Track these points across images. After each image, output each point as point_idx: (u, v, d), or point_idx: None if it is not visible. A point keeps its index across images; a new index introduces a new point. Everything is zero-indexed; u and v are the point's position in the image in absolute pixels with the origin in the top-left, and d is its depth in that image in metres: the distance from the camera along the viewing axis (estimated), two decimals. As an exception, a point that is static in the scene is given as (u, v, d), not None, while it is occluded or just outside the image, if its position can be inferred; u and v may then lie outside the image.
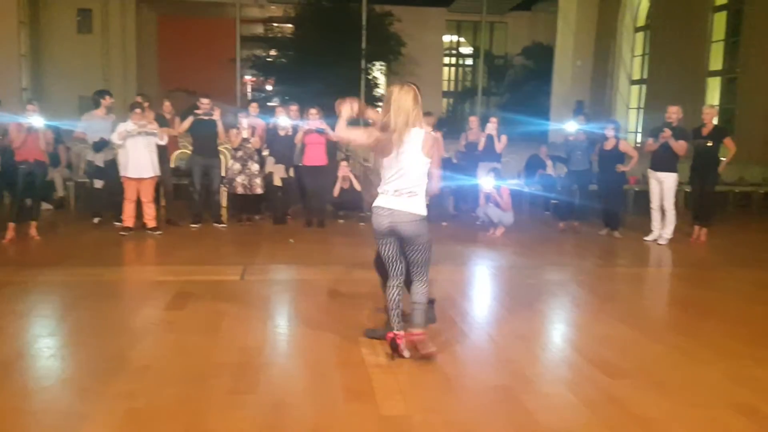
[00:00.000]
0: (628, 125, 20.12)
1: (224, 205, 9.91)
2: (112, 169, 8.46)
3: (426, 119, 9.98)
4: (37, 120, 7.58)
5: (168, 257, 7.30)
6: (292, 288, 6.21)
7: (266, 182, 9.21)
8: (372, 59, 21.93)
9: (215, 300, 5.48)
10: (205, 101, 8.84)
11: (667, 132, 8.26)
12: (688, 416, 3.52)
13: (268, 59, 23.95)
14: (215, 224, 8.90)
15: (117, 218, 8.45)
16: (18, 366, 4.05)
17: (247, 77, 25.35)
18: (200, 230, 8.68)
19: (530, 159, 11.78)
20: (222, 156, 9.57)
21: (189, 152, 9.66)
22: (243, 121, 8.96)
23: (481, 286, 6.64)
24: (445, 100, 29.50)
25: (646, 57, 19.86)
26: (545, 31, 25.28)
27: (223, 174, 9.28)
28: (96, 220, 8.84)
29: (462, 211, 10.44)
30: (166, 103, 9.95)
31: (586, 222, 9.51)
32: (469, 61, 30.82)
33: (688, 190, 9.69)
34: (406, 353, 4.22)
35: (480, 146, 9.70)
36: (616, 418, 3.48)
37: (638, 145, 14.86)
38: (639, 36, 20.57)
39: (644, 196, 9.58)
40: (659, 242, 8.52)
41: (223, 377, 3.87)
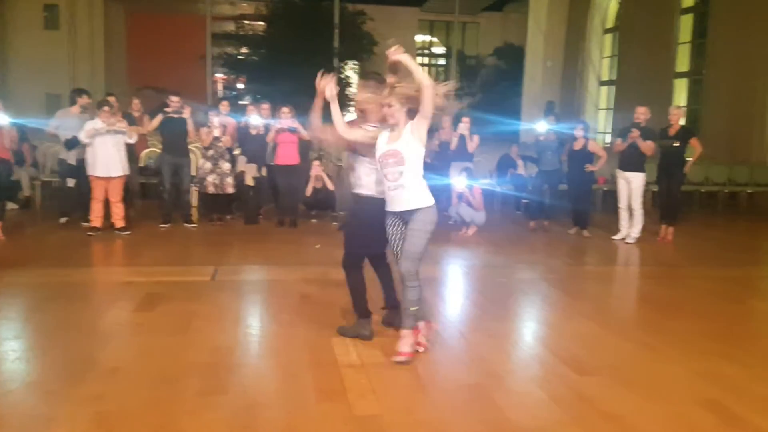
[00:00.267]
0: (597, 126, 20.38)
1: (195, 205, 9.82)
2: (85, 168, 8.33)
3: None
4: (2, 118, 7.44)
5: (137, 258, 7.21)
6: (264, 288, 6.18)
7: (238, 182, 9.14)
8: (345, 58, 21.90)
9: (186, 301, 5.42)
10: (175, 99, 8.75)
11: (635, 132, 8.38)
12: (656, 413, 3.58)
13: (240, 57, 23.78)
14: (185, 224, 8.82)
15: (85, 218, 8.32)
16: (-17, 369, 3.97)
17: (218, 75, 25.13)
18: (170, 230, 8.59)
19: (502, 159, 11.86)
20: (192, 155, 9.48)
21: (158, 151, 9.56)
22: (214, 120, 8.89)
23: (454, 285, 6.67)
24: (417, 99, 29.47)
25: (615, 58, 20.13)
26: (516, 32, 25.47)
27: (194, 173, 9.19)
28: (63, 220, 8.69)
29: (434, 211, 10.44)
30: (135, 101, 9.84)
31: (556, 221, 9.61)
32: (442, 61, 30.93)
33: (656, 190, 9.83)
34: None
35: (452, 146, 9.74)
36: (586, 415, 3.53)
37: (607, 146, 15.04)
38: (608, 37, 20.85)
39: (612, 196, 9.71)
40: (627, 241, 8.64)
41: (194, 378, 3.83)
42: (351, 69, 23.87)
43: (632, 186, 8.57)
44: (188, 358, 4.15)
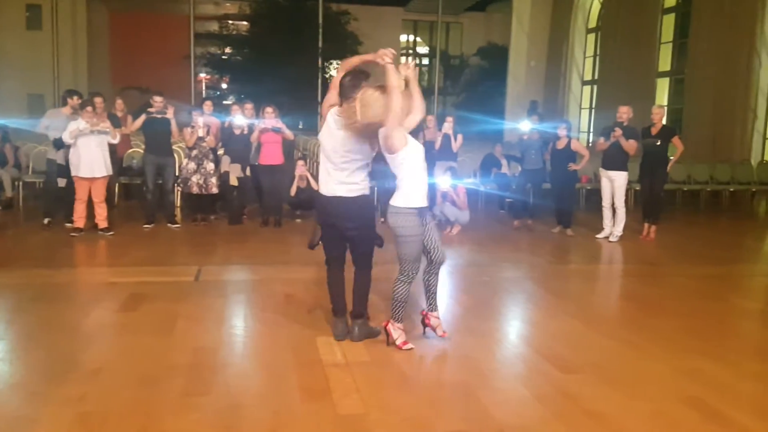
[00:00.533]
0: (581, 125, 20.51)
1: (178, 205, 9.78)
2: None
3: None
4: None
5: (121, 258, 7.17)
6: (248, 288, 6.17)
7: (222, 182, 9.11)
8: (329, 58, 21.86)
9: (169, 301, 5.40)
10: (159, 99, 8.69)
11: (618, 131, 8.43)
12: (639, 410, 3.61)
13: (223, 57, 23.71)
14: (169, 224, 8.77)
15: (68, 219, 8.26)
16: (-37, 371, 3.94)
17: (202, 75, 25.05)
18: (154, 231, 8.54)
19: (486, 158, 11.89)
20: (176, 155, 9.43)
21: (141, 151, 9.50)
22: (198, 120, 8.84)
23: (438, 284, 6.66)
24: (402, 99, 29.55)
25: (598, 58, 20.27)
26: (500, 32, 25.60)
27: (177, 173, 9.15)
28: (46, 221, 8.60)
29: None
30: (118, 101, 9.77)
31: (540, 220, 9.66)
32: (426, 61, 30.98)
33: (638, 189, 9.90)
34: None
35: (436, 145, 9.76)
36: (569, 413, 3.55)
37: (590, 145, 15.15)
38: (591, 37, 20.98)
39: (596, 195, 9.77)
40: (610, 239, 8.70)
41: (177, 379, 3.82)
42: (335, 69, 23.85)
43: (615, 185, 8.63)
44: (172, 359, 4.13)
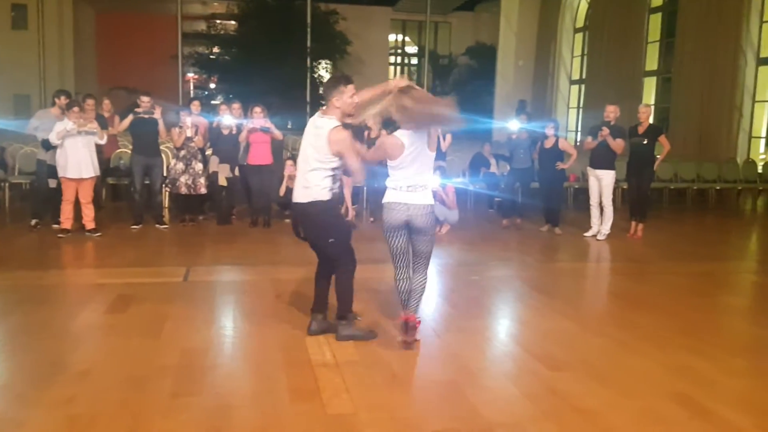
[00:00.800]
0: (568, 124, 20.59)
1: (166, 206, 9.74)
2: None
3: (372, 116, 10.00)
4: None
5: (108, 259, 7.13)
6: (237, 289, 6.15)
7: (210, 182, 9.08)
8: (317, 58, 21.86)
9: (158, 302, 5.38)
10: (146, 99, 8.66)
11: (606, 130, 8.47)
12: (627, 407, 3.63)
13: (211, 56, 23.63)
14: (157, 225, 8.73)
15: (55, 220, 8.20)
16: (-50, 374, 3.91)
17: (190, 75, 24.95)
18: (141, 231, 8.50)
19: (474, 157, 11.91)
20: (164, 155, 9.39)
21: (129, 152, 9.45)
22: (186, 120, 8.81)
23: (427, 283, 6.67)
24: (391, 99, 29.56)
25: (585, 57, 20.35)
26: (488, 32, 25.66)
27: (165, 174, 9.11)
28: (33, 223, 8.54)
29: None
30: (105, 102, 9.71)
31: (529, 219, 9.69)
32: (415, 61, 31.01)
33: (626, 187, 9.95)
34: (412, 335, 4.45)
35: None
36: (558, 410, 3.57)
37: (578, 144, 15.21)
38: (578, 37, 21.07)
39: (583, 193, 9.81)
40: (598, 238, 8.74)
41: (166, 380, 3.81)
42: (324, 68, 23.85)
43: (603, 183, 8.67)
44: (160, 360, 4.12)
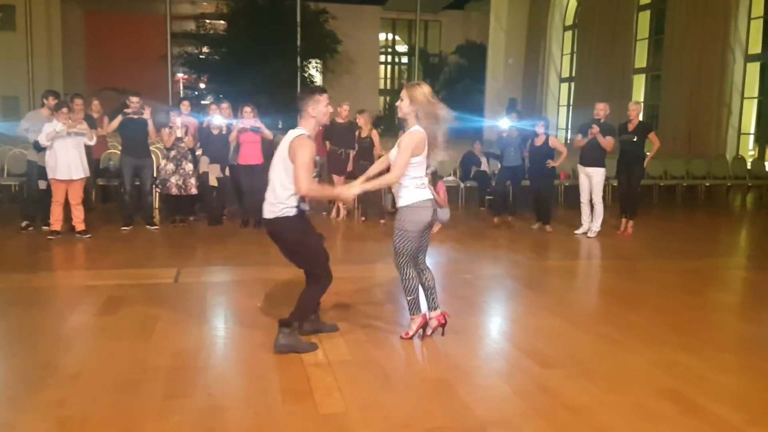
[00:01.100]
0: (558, 122, 20.65)
1: (157, 207, 9.70)
2: None
3: (362, 116, 10.00)
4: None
5: (99, 261, 7.10)
6: (228, 289, 6.14)
7: (201, 182, 9.05)
8: (307, 57, 21.83)
9: (148, 304, 5.36)
10: (135, 100, 8.62)
11: (595, 128, 8.50)
12: (618, 403, 3.65)
13: (201, 56, 23.57)
14: (147, 226, 8.70)
15: (45, 222, 8.16)
16: (-61, 378, 3.89)
17: (180, 75, 24.87)
18: (132, 233, 8.46)
19: (465, 156, 11.93)
20: (153, 156, 9.35)
21: (118, 152, 9.41)
22: (176, 120, 8.78)
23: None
24: (382, 98, 29.61)
25: (575, 55, 20.41)
26: (478, 30, 25.71)
27: (155, 174, 9.08)
28: (24, 224, 8.49)
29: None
30: (94, 102, 9.67)
31: (519, 217, 9.72)
32: (405, 59, 31.02)
33: (616, 184, 9.99)
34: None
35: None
36: (549, 407, 3.59)
37: (568, 142, 15.26)
38: (568, 35, 21.13)
39: (574, 191, 9.84)
40: (589, 235, 8.77)
41: (158, 382, 3.80)
42: (314, 68, 23.83)
43: (593, 181, 8.70)
44: (152, 362, 4.10)
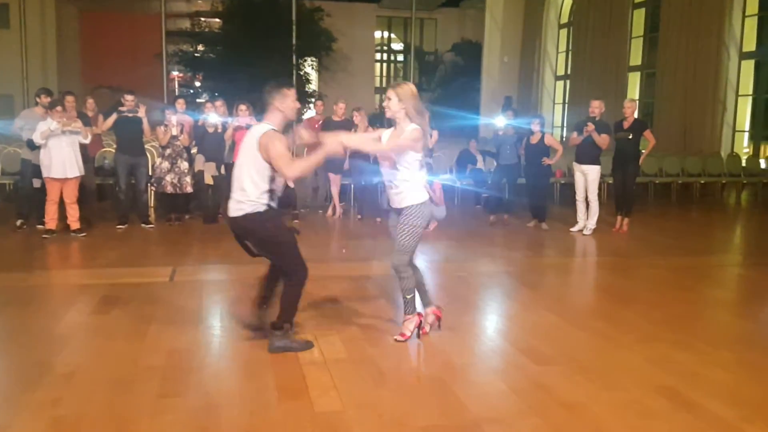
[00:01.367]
0: (554, 120, 20.67)
1: (152, 205, 9.68)
2: None
3: (359, 113, 9.98)
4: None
5: (93, 260, 7.08)
6: (224, 288, 6.13)
7: (196, 180, 9.03)
8: (303, 55, 21.79)
9: (143, 303, 5.35)
10: (130, 98, 8.59)
11: (591, 126, 8.51)
12: (613, 400, 3.66)
13: (196, 54, 23.51)
14: (143, 225, 8.68)
15: (40, 221, 8.14)
16: (-67, 377, 3.88)
17: (175, 73, 24.82)
18: (127, 231, 8.44)
19: (461, 154, 11.94)
20: (149, 154, 9.33)
21: (113, 151, 9.39)
22: (172, 119, 8.76)
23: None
24: (378, 96, 29.60)
25: (570, 53, 20.41)
26: (473, 28, 25.71)
27: (150, 173, 9.06)
28: (19, 223, 8.47)
29: (395, 207, 10.51)
30: (89, 101, 9.64)
31: (515, 215, 9.72)
32: (401, 57, 31.01)
33: (611, 182, 10.00)
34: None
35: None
36: (544, 404, 3.59)
37: (563, 140, 15.27)
38: (563, 32, 21.13)
39: (569, 189, 9.85)
40: (584, 233, 8.78)
41: (152, 381, 3.79)
42: (309, 66, 23.80)
43: (588, 178, 8.71)
44: (146, 361, 4.09)
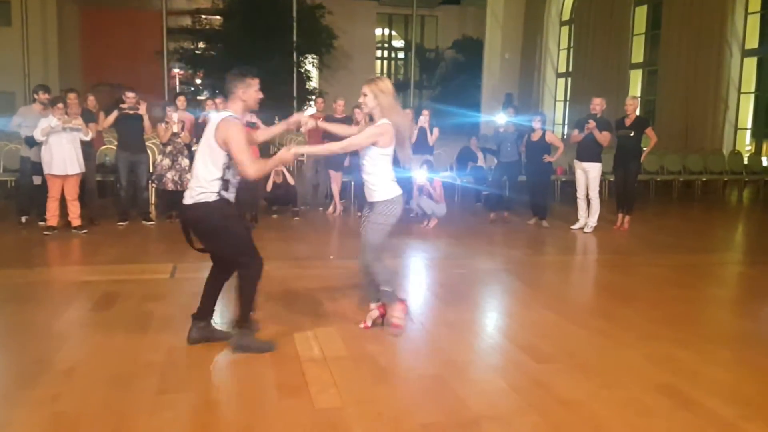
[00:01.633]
0: (555, 117, 20.64)
1: (153, 202, 9.68)
2: None
3: (360, 111, 10.00)
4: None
5: (94, 256, 7.09)
6: (224, 285, 6.11)
7: (196, 178, 9.02)
8: (304, 52, 21.79)
9: (144, 299, 5.35)
10: (131, 95, 8.60)
11: (592, 123, 8.50)
12: (612, 398, 3.66)
13: (197, 52, 23.51)
14: (143, 222, 8.69)
15: (41, 217, 8.15)
16: (-67, 374, 3.88)
17: (176, 70, 24.81)
18: (128, 228, 8.45)
19: (461, 151, 11.93)
20: (150, 151, 9.33)
21: (114, 148, 9.39)
22: (173, 116, 8.76)
23: (415, 277, 6.70)
24: (378, 93, 29.56)
25: (571, 50, 20.38)
26: (474, 25, 25.68)
27: (151, 170, 9.06)
28: (23, 219, 8.48)
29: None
30: (90, 98, 9.64)
31: (516, 212, 9.71)
32: (401, 55, 30.99)
33: (612, 179, 9.99)
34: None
35: (412, 139, 9.76)
36: (544, 402, 3.59)
37: (565, 137, 15.25)
38: (564, 30, 21.10)
39: (570, 186, 9.84)
40: (585, 230, 8.78)
41: (152, 378, 3.79)
42: (310, 63, 23.78)
43: (589, 176, 8.71)
44: (146, 357, 4.09)
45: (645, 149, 9.17)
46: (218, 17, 23.71)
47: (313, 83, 24.11)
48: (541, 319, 5.09)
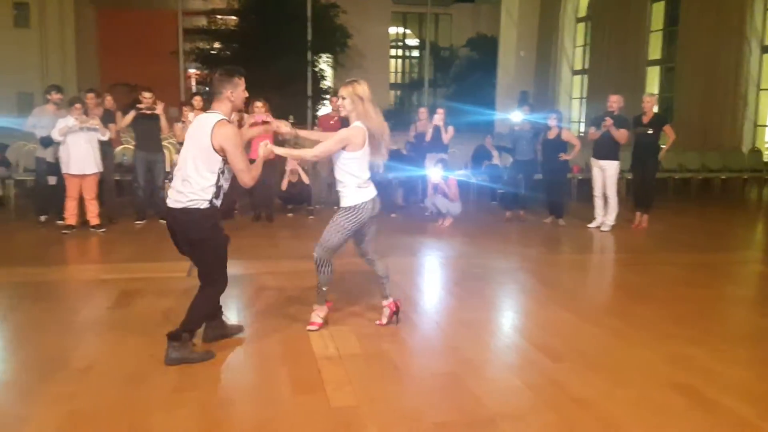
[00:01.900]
0: (571, 115, 20.52)
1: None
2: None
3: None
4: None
5: (112, 255, 7.15)
6: (239, 283, 6.13)
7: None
8: (318, 51, 21.82)
9: (160, 297, 5.39)
10: (148, 95, 8.66)
11: (609, 121, 8.43)
12: (628, 397, 3.63)
13: (212, 52, 23.62)
14: (160, 220, 8.74)
15: (60, 216, 8.23)
16: (-47, 371, 3.93)
17: (192, 70, 24.95)
18: (145, 227, 8.51)
19: (477, 149, 11.89)
20: (167, 151, 9.39)
21: (131, 147, 9.46)
22: (189, 115, 8.81)
23: (430, 276, 6.70)
24: (393, 92, 29.62)
25: (587, 47, 20.25)
26: (489, 23, 25.58)
27: (168, 169, 9.11)
28: (43, 218, 8.57)
29: (410, 203, 10.51)
30: (108, 98, 9.72)
31: (532, 211, 9.67)
32: (416, 53, 30.94)
33: (630, 178, 9.92)
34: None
35: (427, 137, 9.74)
36: (559, 401, 3.57)
37: (581, 135, 15.16)
38: (580, 27, 20.95)
39: (587, 184, 9.78)
40: (602, 229, 8.71)
41: (167, 375, 3.82)
42: (325, 62, 23.83)
43: (607, 174, 8.64)
44: (161, 355, 4.10)
45: (663, 147, 9.08)
46: (233, 17, 23.83)
47: (328, 82, 24.14)
48: (557, 318, 5.06)
